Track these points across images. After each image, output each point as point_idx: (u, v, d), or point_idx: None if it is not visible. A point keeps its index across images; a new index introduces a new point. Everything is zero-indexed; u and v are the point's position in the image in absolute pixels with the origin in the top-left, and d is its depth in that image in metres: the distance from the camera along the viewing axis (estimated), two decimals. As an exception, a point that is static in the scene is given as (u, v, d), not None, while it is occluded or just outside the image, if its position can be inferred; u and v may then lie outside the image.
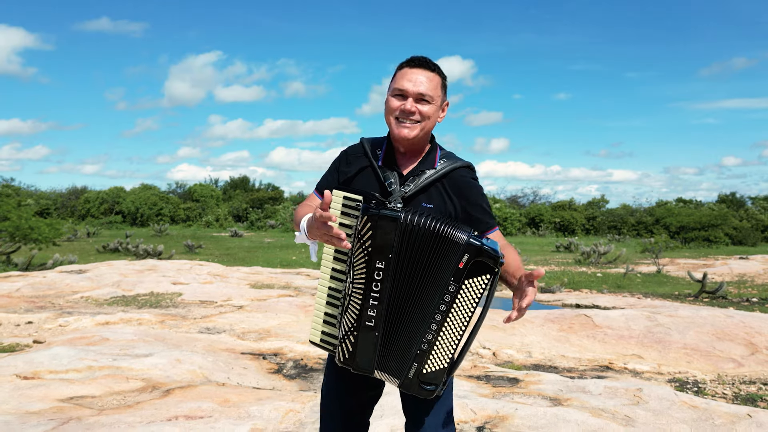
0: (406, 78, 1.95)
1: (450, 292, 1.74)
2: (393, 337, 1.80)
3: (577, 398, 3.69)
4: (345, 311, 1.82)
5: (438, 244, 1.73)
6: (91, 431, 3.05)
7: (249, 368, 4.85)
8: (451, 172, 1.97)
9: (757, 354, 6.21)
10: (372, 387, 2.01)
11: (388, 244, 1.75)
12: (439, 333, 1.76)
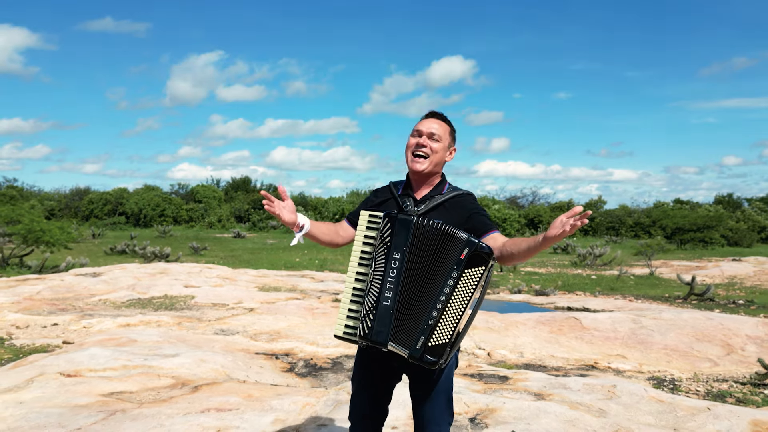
0: (423, 123, 2.52)
1: (453, 278, 2.21)
2: (405, 314, 2.26)
3: (559, 394, 4.17)
4: (367, 294, 2.30)
5: (443, 240, 2.23)
6: (137, 421, 3.54)
7: (264, 367, 5.33)
8: (456, 197, 2.47)
9: (732, 354, 6.70)
10: (387, 378, 2.47)
11: (403, 239, 2.26)
12: (443, 312, 2.22)
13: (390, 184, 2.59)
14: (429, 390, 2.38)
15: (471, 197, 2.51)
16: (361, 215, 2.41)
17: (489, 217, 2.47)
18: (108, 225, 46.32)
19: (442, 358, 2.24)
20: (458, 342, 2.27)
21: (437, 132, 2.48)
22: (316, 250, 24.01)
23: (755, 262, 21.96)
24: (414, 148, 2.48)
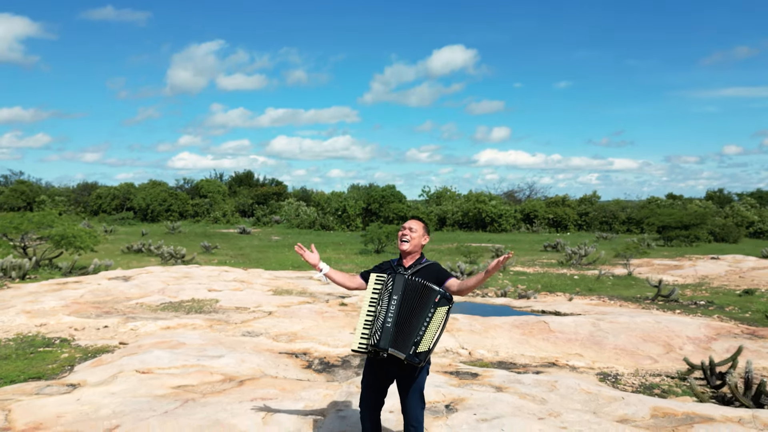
0: (407, 222, 3.87)
1: (431, 312, 3.58)
2: (400, 332, 3.60)
3: (513, 387, 5.54)
4: (375, 321, 3.65)
5: (424, 290, 3.60)
6: (206, 407, 4.90)
7: (288, 365, 6.70)
8: (429, 265, 3.82)
9: (671, 353, 8.06)
10: (385, 380, 3.82)
11: (400, 288, 3.63)
12: (426, 332, 3.57)
13: (390, 260, 3.95)
14: (408, 388, 3.73)
15: (438, 264, 3.87)
16: (371, 275, 3.78)
17: (447, 271, 3.83)
18: (117, 220, 47.62)
19: (423, 360, 3.60)
20: (432, 349, 3.63)
21: (414, 227, 3.84)
22: (320, 251, 25.33)
23: (732, 261, 23.32)
24: (401, 236, 3.83)
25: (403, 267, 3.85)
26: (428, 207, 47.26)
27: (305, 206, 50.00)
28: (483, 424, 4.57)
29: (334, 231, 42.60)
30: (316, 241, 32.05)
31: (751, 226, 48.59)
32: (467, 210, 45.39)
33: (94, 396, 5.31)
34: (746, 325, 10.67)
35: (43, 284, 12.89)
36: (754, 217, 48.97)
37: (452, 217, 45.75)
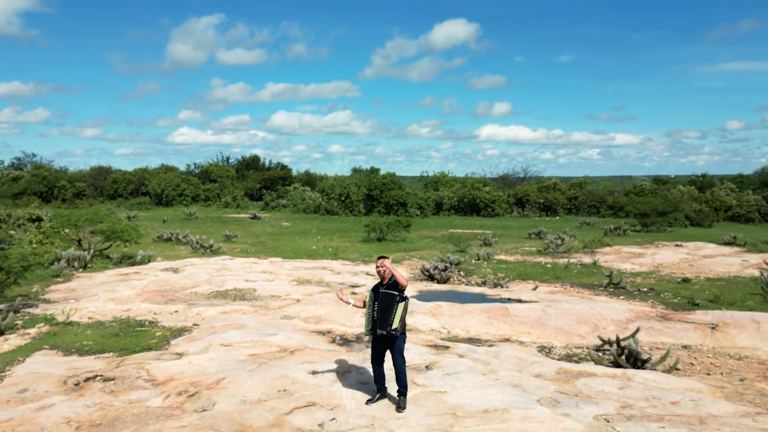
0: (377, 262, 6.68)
1: (395, 307, 6.39)
2: (381, 320, 6.41)
3: (470, 355, 8.39)
4: (371, 317, 6.48)
5: (390, 296, 6.39)
6: (274, 368, 7.75)
7: (319, 340, 9.55)
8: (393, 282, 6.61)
9: (596, 332, 10.90)
10: (383, 349, 6.65)
11: (379, 297, 6.45)
12: (394, 317, 6.38)
13: (377, 284, 6.72)
14: (393, 349, 6.56)
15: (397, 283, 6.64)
16: (368, 294, 6.57)
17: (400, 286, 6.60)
18: (135, 205, 50.31)
19: (397, 332, 6.42)
20: (400, 327, 6.43)
21: (385, 263, 6.58)
22: (327, 238, 28.13)
23: (693, 248, 26.16)
24: (378, 271, 6.60)
25: (382, 285, 6.63)
26: (426, 193, 49.95)
27: (310, 191, 52.66)
28: (447, 377, 7.43)
29: (338, 216, 45.36)
30: (322, 227, 34.86)
31: (730, 210, 51.38)
32: (462, 196, 48.14)
33: (199, 360, 8.17)
34: (668, 309, 13.55)
35: (108, 274, 15.74)
36: (732, 201, 51.69)
37: (448, 202, 48.51)
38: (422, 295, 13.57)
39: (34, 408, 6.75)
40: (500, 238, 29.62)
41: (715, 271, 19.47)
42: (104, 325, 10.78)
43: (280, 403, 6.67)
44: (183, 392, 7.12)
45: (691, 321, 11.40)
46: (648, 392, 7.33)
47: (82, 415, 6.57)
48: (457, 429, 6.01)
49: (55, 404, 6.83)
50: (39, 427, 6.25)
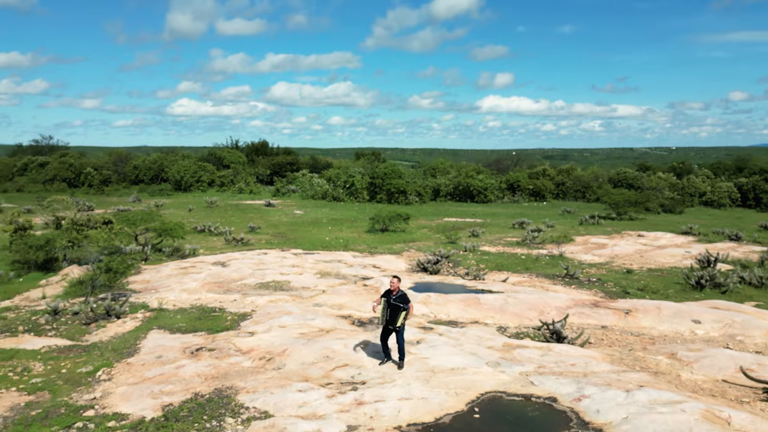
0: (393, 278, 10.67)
1: (400, 313, 10.33)
2: (391, 320, 10.36)
3: (447, 333, 12.41)
4: (383, 315, 10.44)
5: (397, 307, 10.32)
6: (318, 343, 11.76)
7: (344, 323, 13.58)
8: (402, 294, 10.57)
9: (541, 316, 14.89)
10: (388, 331, 10.64)
11: (390, 303, 10.38)
12: (398, 319, 10.32)
13: (388, 290, 10.65)
14: (397, 333, 10.55)
15: (406, 295, 10.56)
16: (382, 300, 10.52)
17: (408, 298, 10.51)
18: (157, 192, 54.14)
19: (400, 327, 10.38)
20: (404, 323, 10.39)
21: (396, 282, 10.50)
22: (337, 229, 32.08)
23: (651, 238, 30.13)
24: (391, 287, 10.54)
25: (391, 294, 10.55)
26: (424, 180, 53.74)
27: (318, 178, 56.43)
28: (430, 348, 11.45)
29: (344, 202, 49.25)
30: (331, 216, 38.79)
31: (704, 195, 55.27)
32: (458, 184, 51.96)
33: (266, 337, 12.20)
34: (605, 297, 17.53)
35: (171, 267, 19.73)
36: (707, 188, 55.57)
37: (445, 189, 52.35)
38: (417, 287, 17.57)
39: (173, 367, 10.78)
40: (488, 227, 33.55)
41: (659, 262, 23.45)
42: (186, 311, 14.80)
43: (325, 363, 10.70)
44: (262, 358, 11.16)
45: (612, 307, 15.42)
46: (558, 358, 11.34)
47: (204, 371, 10.60)
48: (434, 379, 10.03)
49: (185, 365, 10.86)
50: (181, 378, 10.28)
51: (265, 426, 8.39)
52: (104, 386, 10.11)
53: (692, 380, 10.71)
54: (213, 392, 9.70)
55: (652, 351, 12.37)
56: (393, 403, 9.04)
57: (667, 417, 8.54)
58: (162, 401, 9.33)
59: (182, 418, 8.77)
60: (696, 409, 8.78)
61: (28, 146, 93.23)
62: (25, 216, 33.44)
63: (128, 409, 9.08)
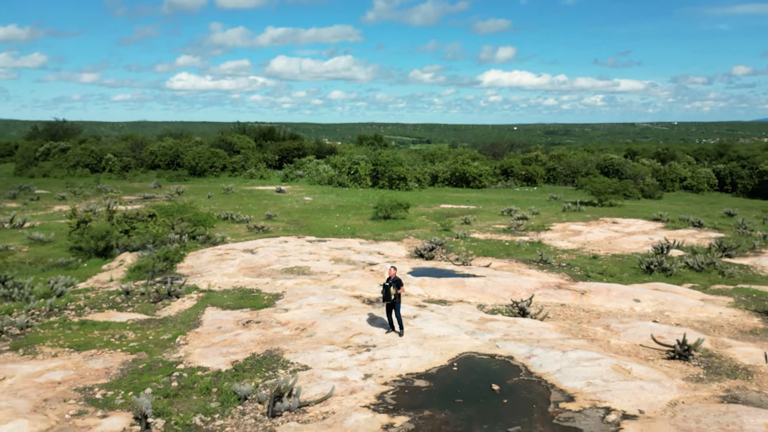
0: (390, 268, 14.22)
1: (395, 290, 13.83)
2: (385, 296, 13.86)
3: (437, 310, 15.96)
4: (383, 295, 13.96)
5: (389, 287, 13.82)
6: (338, 317, 15.33)
7: (356, 301, 17.14)
8: (396, 279, 14.05)
9: (514, 296, 18.43)
10: (390, 308, 14.16)
11: (386, 284, 13.89)
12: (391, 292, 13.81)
13: (388, 278, 14.16)
14: (395, 308, 14.07)
15: (399, 279, 14.04)
16: (383, 286, 14.02)
17: (401, 281, 14.01)
18: (174, 177, 57.44)
19: (395, 300, 13.88)
20: (398, 298, 13.88)
21: (393, 271, 14.01)
22: (344, 216, 35.54)
23: (624, 225, 33.58)
24: (389, 274, 14.04)
25: (388, 280, 13.99)
26: (424, 167, 57.03)
27: (324, 164, 59.69)
28: (423, 321, 15.01)
29: (348, 188, 52.63)
30: (338, 202, 42.21)
31: (684, 180, 58.60)
32: (454, 170, 55.27)
33: (298, 313, 15.77)
34: (570, 280, 21.05)
35: (209, 254, 23.23)
36: (687, 173, 58.86)
37: (442, 176, 55.69)
38: (414, 271, 21.09)
39: (232, 335, 14.35)
40: (479, 214, 36.99)
41: (623, 248, 26.95)
42: (230, 292, 18.35)
43: (345, 332, 14.26)
44: (297, 328, 14.73)
45: (572, 289, 18.96)
46: (521, 329, 14.90)
47: (255, 338, 14.17)
48: (425, 343, 13.58)
49: (240, 333, 14.43)
50: (240, 343, 13.84)
51: (307, 374, 11.97)
52: (184, 348, 13.69)
53: (617, 345, 14.27)
54: (265, 352, 13.28)
55: (594, 323, 15.94)
56: (396, 360, 12.61)
57: (587, 369, 12.12)
58: (230, 358, 12.92)
59: (247, 370, 12.35)
60: (609, 363, 12.36)
61: (43, 129, 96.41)
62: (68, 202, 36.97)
63: (207, 364, 12.66)
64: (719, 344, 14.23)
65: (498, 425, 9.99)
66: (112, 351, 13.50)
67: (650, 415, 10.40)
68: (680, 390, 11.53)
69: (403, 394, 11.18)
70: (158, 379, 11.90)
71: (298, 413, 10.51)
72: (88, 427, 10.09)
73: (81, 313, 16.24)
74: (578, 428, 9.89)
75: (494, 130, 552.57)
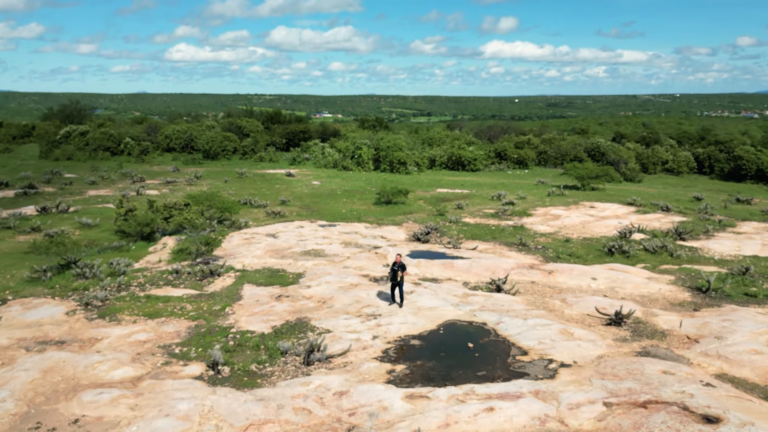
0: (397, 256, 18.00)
1: (400, 273, 17.58)
2: (393, 278, 17.61)
3: (430, 287, 19.74)
4: (390, 275, 17.71)
5: (396, 270, 17.56)
6: (351, 292, 19.12)
7: (364, 279, 20.93)
8: (401, 264, 17.81)
9: (493, 275, 22.20)
10: (394, 285, 17.92)
11: (394, 269, 17.63)
12: (399, 276, 17.57)
13: (394, 262, 17.92)
14: (399, 286, 17.84)
15: (404, 264, 17.79)
16: (390, 268, 17.79)
17: (404, 266, 17.75)
18: (189, 161, 60.84)
19: (401, 280, 17.65)
20: (402, 280, 17.63)
21: (399, 259, 17.77)
22: (350, 201, 39.18)
23: (600, 209, 37.23)
24: (396, 260, 17.79)
25: (395, 264, 17.71)
26: (422, 152, 60.41)
27: (329, 148, 63.04)
28: (418, 296, 18.80)
29: (352, 171, 56.12)
30: (343, 186, 45.77)
31: (666, 163, 62.05)
32: (451, 154, 58.71)
33: (319, 289, 19.57)
34: (544, 261, 24.80)
35: (237, 239, 26.95)
36: (669, 156, 62.28)
37: (439, 160, 59.15)
38: (412, 254, 24.81)
39: (268, 306, 18.15)
40: (472, 199, 40.61)
41: (594, 232, 30.64)
42: (261, 271, 22.12)
43: (357, 304, 18.06)
44: (319, 301, 18.53)
45: (542, 269, 22.72)
46: (495, 302, 18.69)
47: (287, 308, 17.97)
48: (419, 313, 17.37)
49: (275, 305, 18.23)
50: (275, 312, 17.64)
51: (330, 336, 15.77)
52: (233, 317, 17.51)
53: (569, 314, 18.07)
54: (296, 320, 17.09)
55: (555, 297, 19.74)
56: (396, 325, 16.42)
57: (541, 332, 15.93)
58: (270, 324, 16.73)
59: (284, 332, 16.17)
60: (558, 328, 16.18)
61: (58, 110, 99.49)
62: (98, 187, 40.65)
63: (253, 328, 16.48)
64: (649, 314, 18.05)
65: (470, 371, 13.84)
66: (177, 318, 17.32)
67: (581, 364, 14.23)
68: (608, 347, 15.36)
69: (402, 349, 15.02)
70: (218, 339, 15.73)
71: (325, 363, 14.34)
72: (175, 372, 13.93)
73: (144, 289, 20.04)
74: (527, 373, 13.73)
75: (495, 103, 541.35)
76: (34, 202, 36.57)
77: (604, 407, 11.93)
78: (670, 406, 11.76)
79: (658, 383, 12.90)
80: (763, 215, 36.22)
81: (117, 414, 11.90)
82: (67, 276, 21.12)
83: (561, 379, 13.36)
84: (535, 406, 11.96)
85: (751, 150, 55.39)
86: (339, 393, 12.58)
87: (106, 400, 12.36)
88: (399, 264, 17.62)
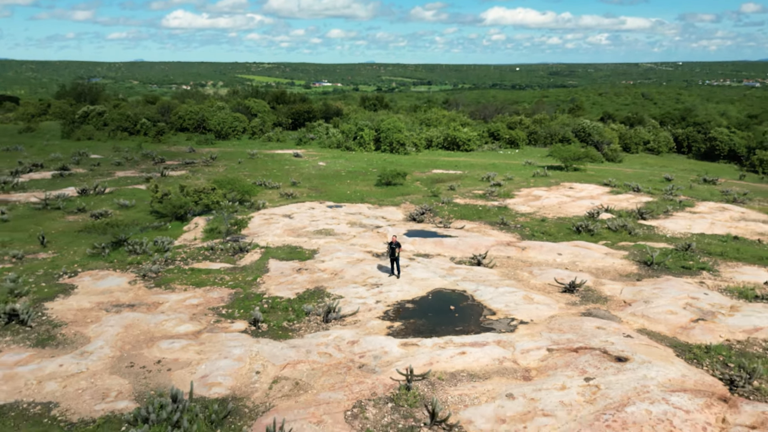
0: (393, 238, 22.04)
1: (397, 251, 21.59)
2: (392, 253, 21.63)
3: (422, 262, 23.77)
4: (388, 252, 21.72)
5: (394, 248, 21.57)
6: (358, 266, 23.18)
7: (369, 255, 24.96)
8: (397, 242, 21.81)
9: (476, 251, 26.21)
10: (392, 259, 21.92)
11: (391, 247, 21.63)
12: (396, 252, 21.56)
13: (391, 242, 21.90)
14: (396, 259, 21.86)
15: (399, 242, 21.80)
16: (387, 246, 21.82)
17: (399, 243, 21.75)
18: (201, 141, 64.38)
19: (396, 256, 21.66)
20: (398, 255, 21.64)
21: (394, 239, 21.80)
22: (354, 183, 43.01)
23: (578, 190, 41.08)
24: (392, 240, 21.79)
25: (391, 243, 21.65)
26: (420, 133, 63.95)
27: (333, 128, 66.53)
28: (412, 269, 22.84)
29: (354, 151, 59.77)
30: (347, 167, 49.50)
31: (648, 143, 65.64)
32: (447, 135, 62.29)
33: (331, 263, 23.62)
34: (521, 239, 28.79)
35: (258, 219, 30.91)
36: (650, 137, 65.83)
37: (436, 141, 62.75)
38: (409, 233, 28.77)
39: (291, 278, 22.21)
40: (463, 180, 44.39)
41: (568, 212, 34.54)
42: (281, 248, 26.13)
43: (363, 276, 22.12)
44: (332, 273, 22.59)
45: (517, 246, 26.73)
46: (475, 274, 22.75)
47: (306, 279, 22.03)
48: (413, 283, 21.41)
49: (296, 277, 22.28)
50: (297, 282, 21.69)
51: (342, 300, 19.84)
52: (263, 286, 21.56)
53: (534, 284, 22.13)
54: (314, 288, 21.15)
55: (524, 270, 23.79)
56: (395, 293, 20.48)
57: (508, 297, 20.01)
58: (294, 291, 20.79)
59: (306, 297, 20.24)
60: (522, 294, 20.26)
61: (71, 89, 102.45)
62: (124, 168, 44.32)
63: (281, 294, 20.54)
64: (598, 283, 22.12)
65: (450, 326, 17.95)
66: (219, 287, 21.39)
67: (536, 322, 18.33)
68: (560, 309, 19.46)
69: (399, 311, 19.13)
70: (255, 303, 19.81)
71: (339, 321, 18.44)
72: (226, 328, 18.04)
73: (187, 263, 24.07)
74: (493, 328, 17.84)
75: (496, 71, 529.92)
76: (70, 183, 40.37)
77: (547, 352, 16.05)
78: (594, 351, 15.88)
79: (590, 335, 17.01)
80: (722, 195, 40.11)
81: (188, 357, 16.00)
82: (122, 252, 25.13)
83: (519, 332, 17.47)
84: (497, 351, 16.08)
85: (725, 132, 58.93)
86: (351, 342, 16.69)
87: (178, 347, 16.47)
88: (395, 243, 21.58)
